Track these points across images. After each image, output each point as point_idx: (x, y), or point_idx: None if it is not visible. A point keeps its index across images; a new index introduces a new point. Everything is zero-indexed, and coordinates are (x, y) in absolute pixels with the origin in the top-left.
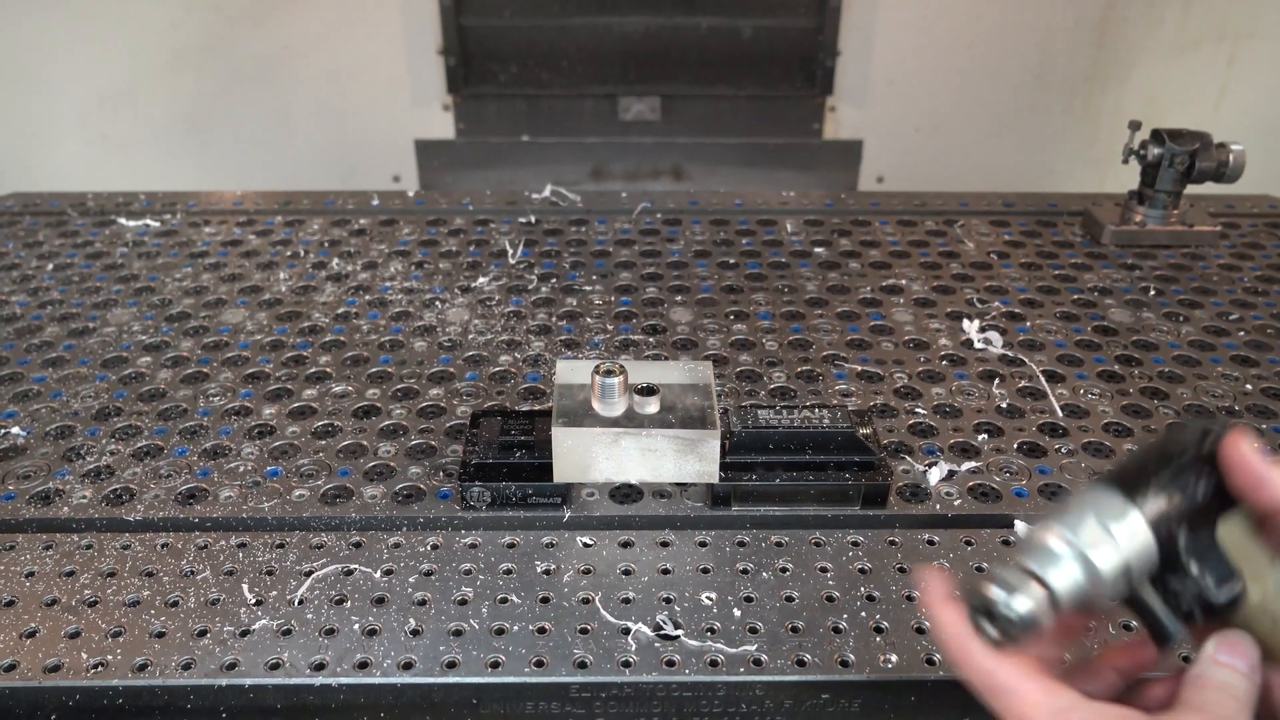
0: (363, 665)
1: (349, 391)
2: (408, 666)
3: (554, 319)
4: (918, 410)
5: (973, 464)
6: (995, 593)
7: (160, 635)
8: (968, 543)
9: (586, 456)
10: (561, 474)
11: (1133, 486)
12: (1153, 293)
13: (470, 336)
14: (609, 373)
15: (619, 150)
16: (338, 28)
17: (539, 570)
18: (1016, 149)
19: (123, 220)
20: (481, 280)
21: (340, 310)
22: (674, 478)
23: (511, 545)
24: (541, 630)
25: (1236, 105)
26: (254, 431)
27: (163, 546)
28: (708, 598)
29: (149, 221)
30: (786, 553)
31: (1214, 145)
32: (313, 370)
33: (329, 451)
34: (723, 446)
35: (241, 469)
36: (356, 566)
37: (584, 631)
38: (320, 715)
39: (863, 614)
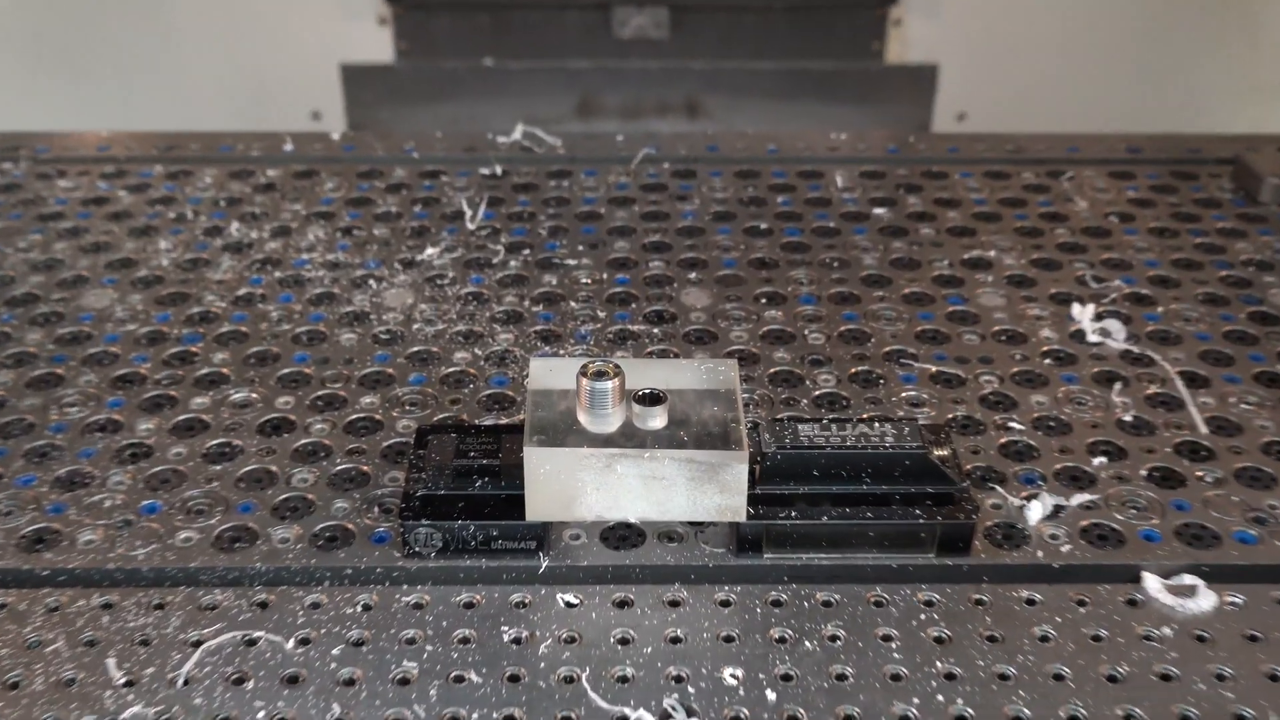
0: None
1: (252, 400)
2: None
3: (527, 303)
4: (1012, 425)
5: (1086, 497)
6: None
7: None
8: (1080, 603)
9: (570, 486)
10: (537, 510)
11: None
12: None
13: (415, 327)
14: (600, 374)
15: (614, 78)
16: None
17: (506, 639)
18: (1145, 75)
19: None
20: (430, 252)
21: (241, 291)
22: (687, 515)
23: (470, 605)
24: None
25: None
26: (125, 453)
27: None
28: (732, 676)
29: None
30: (837, 616)
31: None
32: (204, 371)
33: (226, 480)
34: (751, 473)
35: (108, 504)
36: (262, 634)
37: None
38: None
39: (939, 698)
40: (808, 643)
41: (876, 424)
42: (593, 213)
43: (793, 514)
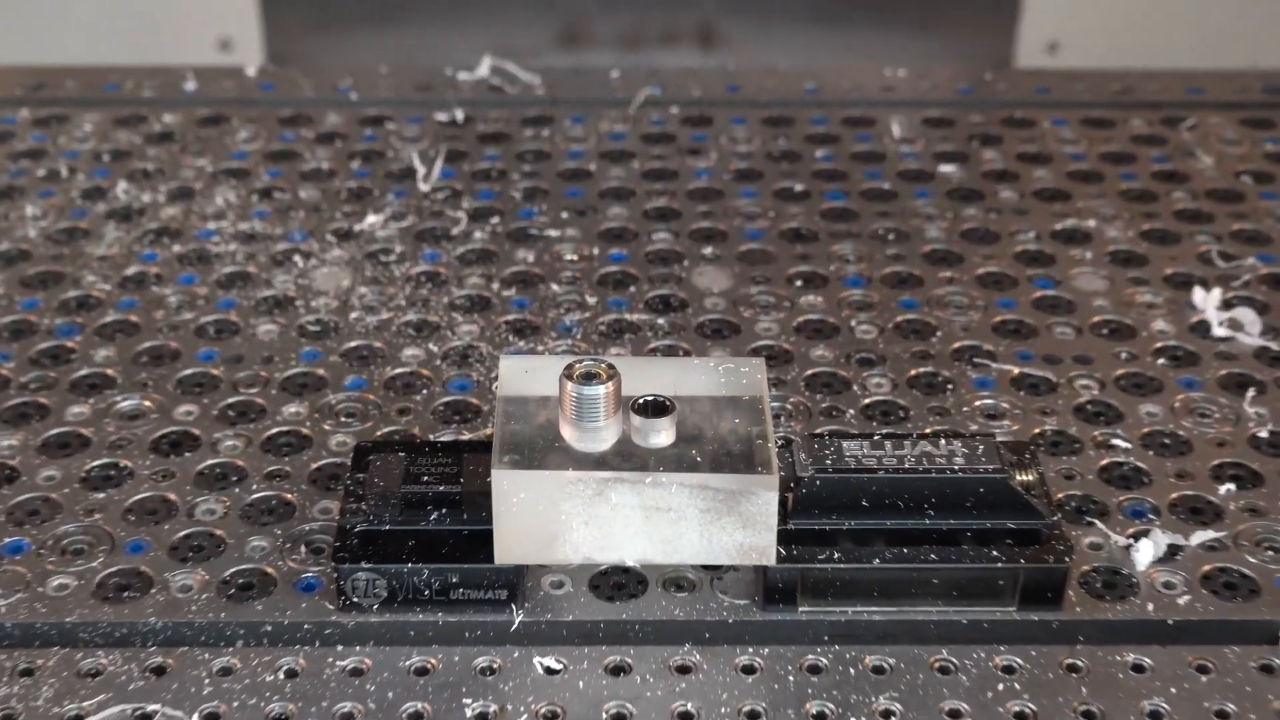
0: None
1: (145, 409)
2: None
3: (496, 286)
4: (1116, 442)
5: (1210, 534)
6: None
7: None
8: (1202, 669)
9: (551, 520)
10: (508, 550)
11: None
12: None
13: (354, 316)
14: (590, 377)
15: None
16: None
17: (470, 715)
18: None
19: None
20: (372, 220)
21: (130, 271)
22: (700, 557)
23: (423, 672)
24: None
25: None
26: None
27: None
28: None
29: None
30: (891, 685)
31: None
32: (83, 372)
33: (111, 511)
34: (783, 503)
35: None
36: (157, 708)
37: None
38: None
39: None
40: (854, 719)
41: (942, 441)
42: (580, 170)
43: (835, 555)
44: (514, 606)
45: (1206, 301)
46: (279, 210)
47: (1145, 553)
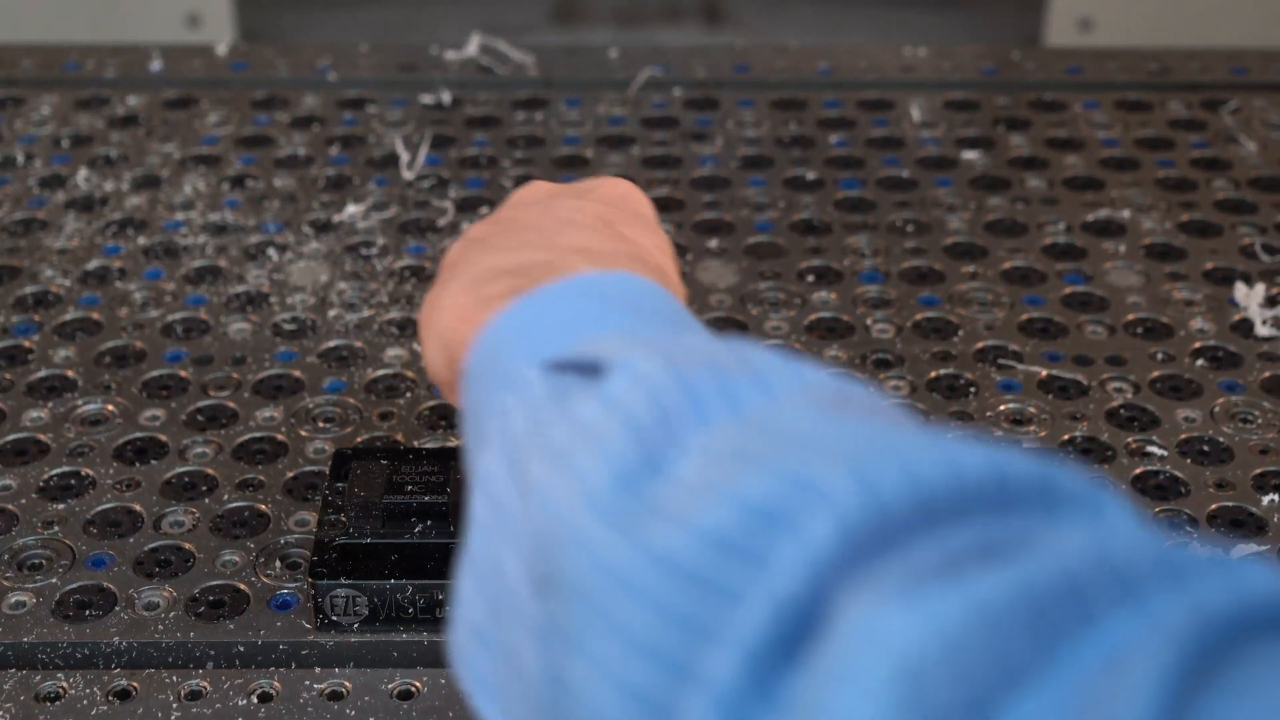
0: None
1: (108, 414)
2: None
3: None
4: (1152, 449)
5: (1253, 547)
6: None
7: None
8: None
9: None
10: None
11: None
12: None
13: (332, 314)
14: None
15: None
16: None
17: None
18: None
19: None
20: (352, 210)
21: (92, 265)
22: None
23: (407, 695)
24: None
25: None
26: None
27: None
28: None
29: None
30: None
31: None
32: (41, 374)
33: (71, 524)
34: None
35: None
36: None
37: None
38: None
39: None
40: None
41: None
42: (576, 156)
43: None
44: None
45: (1249, 298)
46: (252, 200)
47: None
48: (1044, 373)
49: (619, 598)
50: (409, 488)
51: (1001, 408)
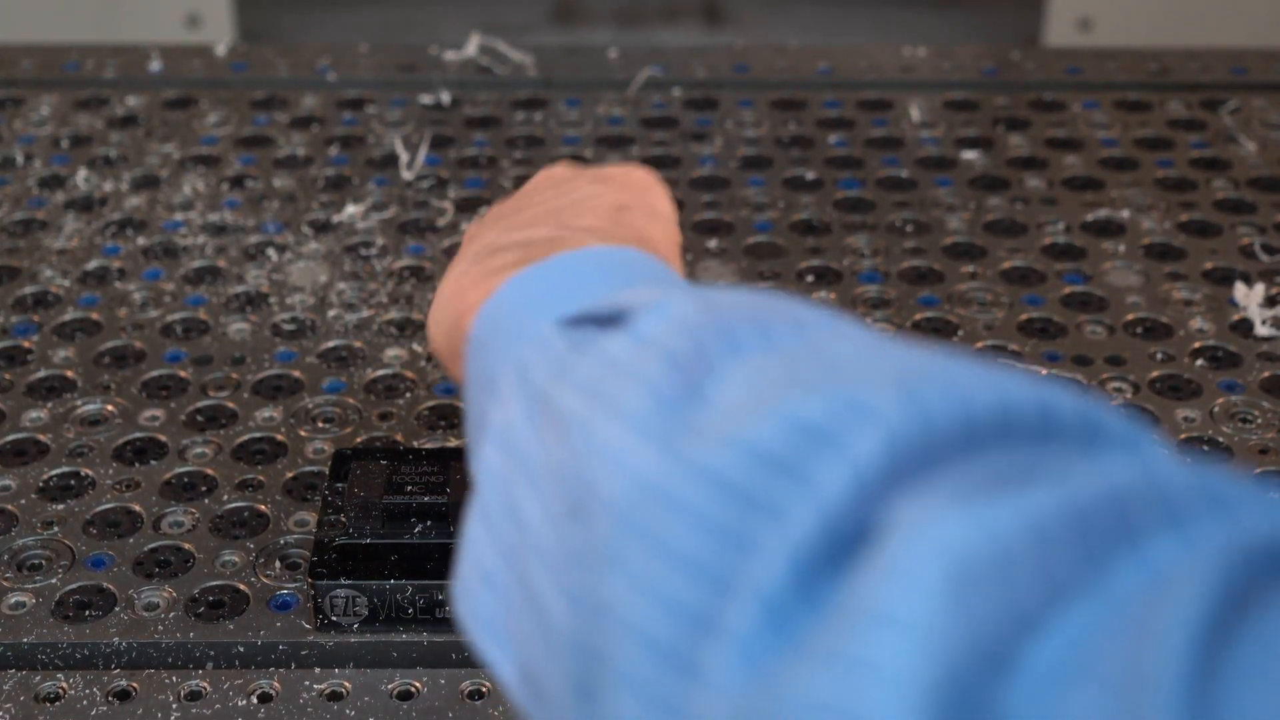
0: None
1: (108, 414)
2: None
3: None
4: None
5: None
6: None
7: None
8: None
9: None
10: None
11: None
12: None
13: (332, 314)
14: None
15: None
16: None
17: None
18: None
19: None
20: (352, 211)
21: (91, 265)
22: None
23: (407, 696)
24: None
25: None
26: None
27: None
28: None
29: None
30: None
31: None
32: (41, 375)
33: (70, 524)
34: None
35: None
36: None
37: None
38: None
39: None
40: None
41: None
42: (576, 156)
43: None
44: None
45: (1249, 298)
46: (251, 200)
47: None
48: (1043, 372)
49: (660, 512)
50: (409, 488)
51: None
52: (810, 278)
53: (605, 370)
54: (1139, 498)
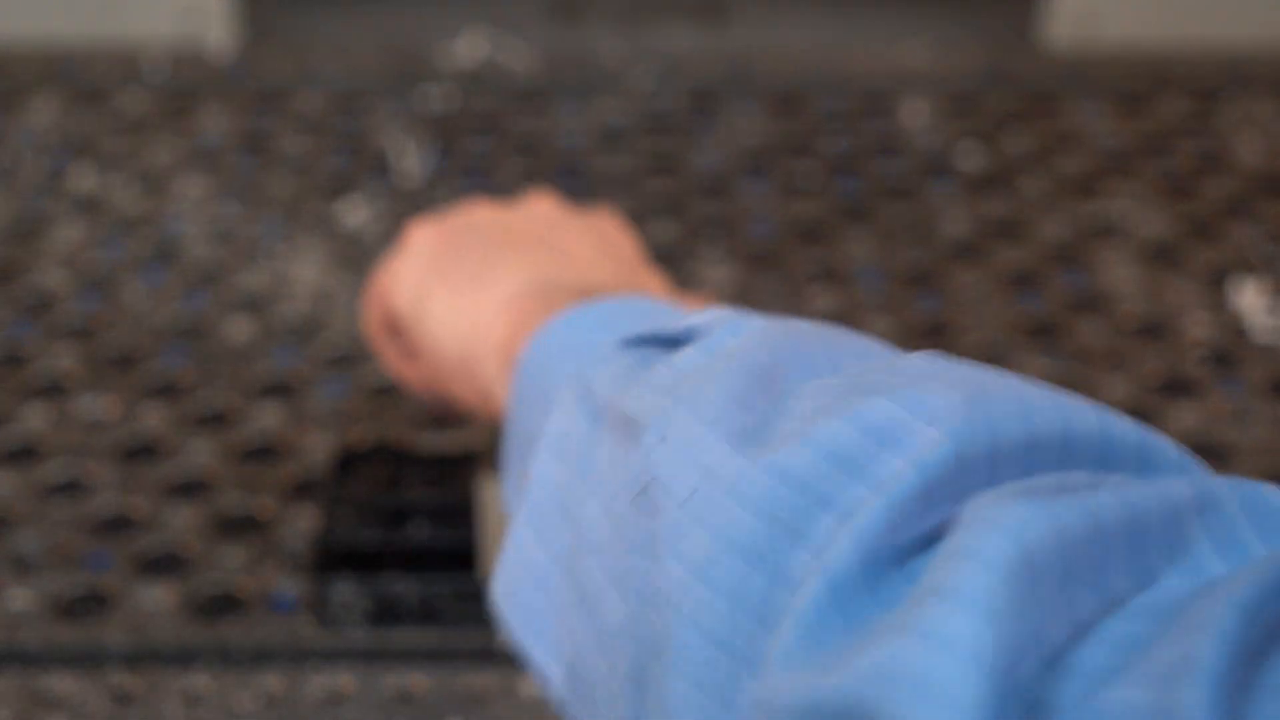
0: None
1: (107, 414)
2: None
3: None
4: None
5: None
6: None
7: None
8: None
9: None
10: (495, 563)
11: None
12: None
13: (333, 314)
14: None
15: None
16: None
17: None
18: None
19: None
20: (352, 210)
21: (92, 265)
22: None
23: (408, 695)
24: None
25: None
26: None
27: None
28: None
29: None
30: None
31: None
32: (40, 376)
33: (72, 524)
34: None
35: None
36: None
37: None
38: None
39: None
40: None
41: None
42: (576, 158)
43: None
44: None
45: (1246, 298)
46: (252, 200)
47: None
48: (1042, 373)
49: (727, 503)
50: (409, 488)
51: None
52: (810, 279)
53: (680, 375)
54: (1193, 508)
